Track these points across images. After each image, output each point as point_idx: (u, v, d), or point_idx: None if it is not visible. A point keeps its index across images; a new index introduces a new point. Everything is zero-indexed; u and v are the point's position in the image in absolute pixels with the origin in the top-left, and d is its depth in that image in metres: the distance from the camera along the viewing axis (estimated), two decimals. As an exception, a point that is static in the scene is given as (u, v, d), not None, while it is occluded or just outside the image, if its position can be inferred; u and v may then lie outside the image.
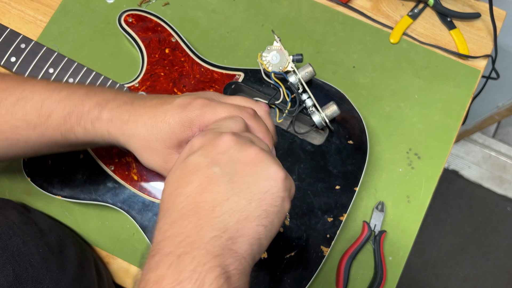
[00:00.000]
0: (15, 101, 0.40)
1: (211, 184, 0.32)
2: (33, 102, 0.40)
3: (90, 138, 0.40)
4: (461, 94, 0.60)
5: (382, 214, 0.55)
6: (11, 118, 0.40)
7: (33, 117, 0.39)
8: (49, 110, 0.39)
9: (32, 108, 0.39)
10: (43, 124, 0.39)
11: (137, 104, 0.39)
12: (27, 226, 0.46)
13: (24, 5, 0.64)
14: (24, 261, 0.42)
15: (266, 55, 0.54)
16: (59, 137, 0.40)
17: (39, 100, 0.40)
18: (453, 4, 0.63)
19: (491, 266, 1.39)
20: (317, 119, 0.53)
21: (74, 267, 0.47)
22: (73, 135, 0.40)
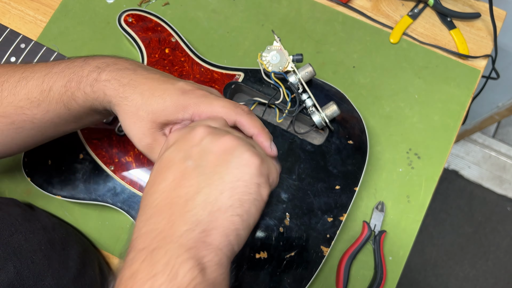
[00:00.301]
0: (16, 82, 0.40)
1: (184, 179, 0.31)
2: (34, 80, 0.40)
3: (89, 102, 0.39)
4: (461, 94, 0.60)
5: (382, 214, 0.55)
6: (14, 98, 0.39)
7: (36, 94, 0.39)
8: (50, 83, 0.39)
9: (33, 85, 0.39)
10: (46, 99, 0.39)
11: (140, 73, 0.39)
12: (30, 223, 0.46)
13: (24, 5, 0.64)
14: (26, 258, 0.42)
15: (266, 55, 0.54)
16: (62, 108, 0.40)
17: (40, 77, 0.40)
18: (453, 4, 0.63)
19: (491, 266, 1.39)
20: (317, 119, 0.53)
21: (76, 265, 0.47)
22: (74, 102, 0.39)
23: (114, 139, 0.54)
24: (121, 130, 0.54)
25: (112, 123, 0.55)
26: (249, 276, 0.50)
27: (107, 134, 0.54)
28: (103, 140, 0.54)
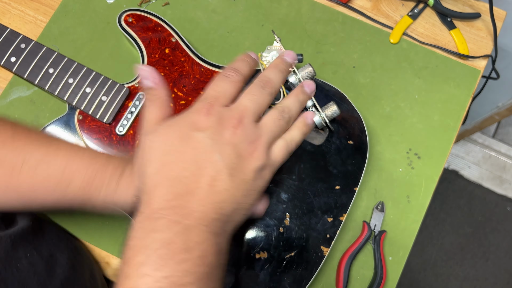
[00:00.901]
0: (37, 163, 0.40)
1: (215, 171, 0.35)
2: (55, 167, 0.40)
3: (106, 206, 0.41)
4: (461, 94, 0.60)
5: (382, 214, 0.55)
6: (32, 180, 0.40)
7: (54, 181, 0.40)
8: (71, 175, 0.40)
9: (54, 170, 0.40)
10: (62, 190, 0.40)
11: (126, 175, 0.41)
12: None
13: (24, 5, 0.64)
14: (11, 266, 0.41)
15: (266, 55, 0.54)
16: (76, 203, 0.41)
17: (61, 166, 0.40)
18: (453, 4, 0.63)
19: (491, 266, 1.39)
20: (317, 119, 0.53)
21: (65, 271, 0.46)
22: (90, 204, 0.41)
23: (114, 139, 0.54)
24: (121, 130, 0.54)
25: (112, 123, 0.55)
26: (249, 276, 0.50)
27: (107, 134, 0.54)
28: (103, 139, 0.54)
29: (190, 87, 0.56)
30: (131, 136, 0.54)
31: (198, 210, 0.34)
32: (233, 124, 0.36)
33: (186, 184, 0.34)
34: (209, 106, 0.36)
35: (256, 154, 0.37)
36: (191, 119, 0.36)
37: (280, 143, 0.39)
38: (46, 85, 0.54)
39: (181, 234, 0.32)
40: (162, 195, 0.34)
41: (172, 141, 0.35)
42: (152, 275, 0.30)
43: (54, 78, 0.54)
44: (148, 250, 0.31)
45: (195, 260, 0.32)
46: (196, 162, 0.35)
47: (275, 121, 0.39)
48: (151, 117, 0.38)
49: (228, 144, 0.36)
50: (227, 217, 0.35)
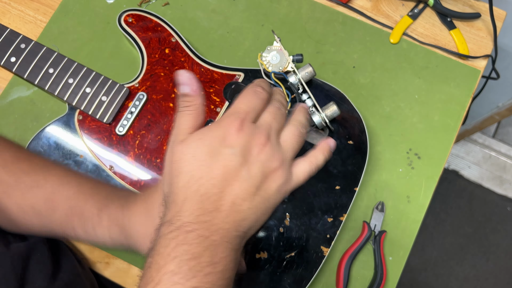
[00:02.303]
0: (30, 187, 0.42)
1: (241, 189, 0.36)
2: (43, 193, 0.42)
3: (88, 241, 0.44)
4: (461, 94, 0.60)
5: (382, 214, 0.55)
6: (22, 201, 0.42)
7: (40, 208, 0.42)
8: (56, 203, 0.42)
9: (41, 199, 0.42)
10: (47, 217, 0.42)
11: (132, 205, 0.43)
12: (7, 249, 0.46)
13: (24, 5, 0.64)
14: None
15: (266, 55, 0.54)
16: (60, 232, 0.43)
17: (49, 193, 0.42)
18: (453, 4, 0.63)
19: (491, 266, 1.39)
20: (317, 119, 0.53)
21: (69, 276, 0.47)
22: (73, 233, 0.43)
23: (114, 139, 0.54)
24: (121, 130, 0.54)
25: (112, 123, 0.55)
26: (249, 276, 0.50)
27: (107, 134, 0.54)
28: (103, 140, 0.54)
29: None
30: (131, 136, 0.54)
31: (223, 227, 0.35)
32: (262, 142, 0.37)
33: (214, 200, 0.35)
34: (241, 122, 0.37)
35: (280, 172, 0.37)
36: (222, 133, 0.37)
37: (304, 166, 0.40)
38: (46, 85, 0.54)
39: (209, 249, 0.34)
40: (192, 210, 0.35)
41: (202, 155, 0.36)
42: (183, 284, 0.32)
43: (54, 78, 0.54)
44: (179, 261, 0.33)
45: (218, 274, 0.34)
46: (225, 179, 0.35)
47: (295, 137, 0.40)
48: (184, 125, 0.38)
49: (256, 161, 0.36)
50: (245, 234, 0.37)
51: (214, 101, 0.56)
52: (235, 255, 0.36)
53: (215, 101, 0.56)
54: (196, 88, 0.39)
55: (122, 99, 0.55)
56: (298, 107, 0.42)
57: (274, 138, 0.38)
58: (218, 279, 0.33)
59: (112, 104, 0.54)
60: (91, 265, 0.55)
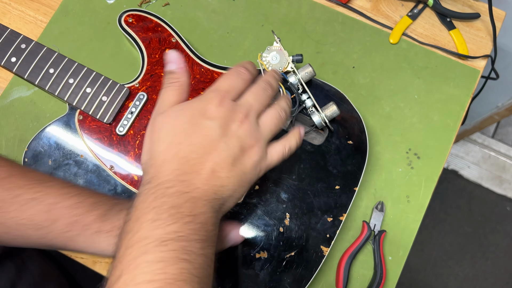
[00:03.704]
0: (28, 200, 0.42)
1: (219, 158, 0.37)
2: (43, 205, 0.43)
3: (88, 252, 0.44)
4: (461, 94, 0.60)
5: (381, 214, 0.55)
6: (19, 215, 0.42)
7: (39, 220, 0.42)
8: (56, 216, 0.42)
9: (41, 211, 0.42)
10: (46, 228, 0.43)
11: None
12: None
13: (25, 6, 0.64)
14: None
15: (266, 56, 0.54)
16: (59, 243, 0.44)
17: (49, 204, 0.43)
18: (452, 4, 0.63)
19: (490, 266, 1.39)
20: (317, 119, 0.53)
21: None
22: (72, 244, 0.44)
23: (114, 139, 0.54)
24: (121, 130, 0.54)
25: (112, 123, 0.55)
26: (249, 276, 0.50)
27: (107, 134, 0.54)
28: (103, 140, 0.54)
29: (190, 87, 0.56)
30: (131, 136, 0.55)
31: (202, 188, 0.36)
32: (240, 118, 0.39)
33: (193, 164, 0.37)
34: (221, 98, 0.39)
35: (256, 149, 0.39)
36: (203, 107, 0.39)
37: (278, 148, 0.42)
38: (47, 85, 0.54)
39: (189, 202, 0.35)
40: (172, 170, 0.36)
41: (182, 124, 0.38)
42: (164, 228, 0.33)
43: (55, 78, 0.54)
44: (159, 210, 0.34)
45: (199, 225, 0.35)
46: (204, 146, 0.37)
47: (274, 120, 0.42)
48: (167, 99, 0.40)
49: (234, 136, 0.38)
50: (223, 200, 0.38)
51: (214, 101, 0.56)
52: (215, 215, 0.37)
53: (215, 101, 0.56)
54: (183, 66, 0.41)
55: (122, 99, 0.55)
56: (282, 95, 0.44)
57: (253, 117, 0.40)
58: (199, 229, 0.35)
59: (112, 104, 0.54)
60: (91, 265, 0.55)
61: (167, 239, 0.32)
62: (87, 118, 0.55)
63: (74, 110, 0.55)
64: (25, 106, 0.59)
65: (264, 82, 0.42)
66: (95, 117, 0.54)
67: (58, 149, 0.54)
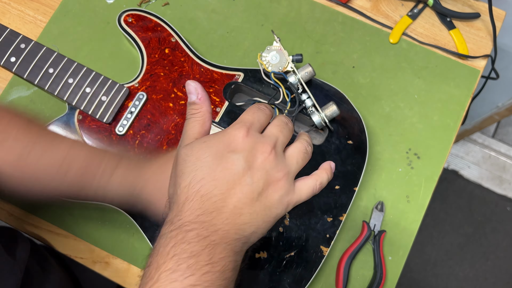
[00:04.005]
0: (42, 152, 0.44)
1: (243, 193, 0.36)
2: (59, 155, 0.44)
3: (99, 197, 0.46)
4: (461, 94, 0.60)
5: (381, 214, 0.55)
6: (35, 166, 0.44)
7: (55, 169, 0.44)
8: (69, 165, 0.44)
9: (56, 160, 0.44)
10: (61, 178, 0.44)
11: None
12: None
13: (24, 5, 0.64)
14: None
15: (265, 55, 0.54)
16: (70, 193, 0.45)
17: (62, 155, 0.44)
18: (452, 4, 0.63)
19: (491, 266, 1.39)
20: (317, 119, 0.53)
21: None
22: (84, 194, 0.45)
23: (113, 138, 0.54)
24: (121, 130, 0.54)
25: (111, 123, 0.55)
26: (249, 276, 0.50)
27: (107, 134, 0.54)
28: (103, 139, 0.54)
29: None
30: (131, 136, 0.54)
31: (223, 229, 0.35)
32: (268, 150, 0.37)
33: (214, 202, 0.36)
34: (247, 129, 0.38)
35: (282, 183, 0.38)
36: (228, 139, 0.38)
37: (310, 183, 0.41)
38: (46, 85, 0.54)
39: (208, 248, 0.34)
40: (193, 210, 0.36)
41: (206, 157, 0.37)
42: (181, 281, 0.33)
43: (54, 78, 0.54)
44: (178, 259, 0.33)
45: (217, 274, 0.34)
46: (228, 182, 0.36)
47: (301, 153, 0.40)
48: (191, 131, 0.40)
49: (260, 169, 0.37)
50: (246, 239, 0.37)
51: (214, 101, 0.56)
52: (234, 257, 0.36)
53: (215, 101, 0.56)
54: (202, 96, 0.41)
55: (122, 99, 0.55)
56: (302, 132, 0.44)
57: (280, 149, 0.39)
58: (217, 279, 0.34)
59: (112, 104, 0.54)
60: (91, 265, 0.55)
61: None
62: (87, 118, 0.55)
63: (73, 110, 0.55)
64: (24, 106, 0.59)
65: (283, 116, 0.42)
66: (95, 116, 0.54)
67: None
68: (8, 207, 0.57)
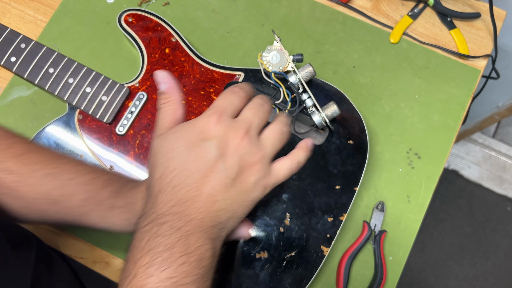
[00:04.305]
0: (45, 175, 0.42)
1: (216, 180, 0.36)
2: (59, 181, 0.43)
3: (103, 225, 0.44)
4: (461, 94, 0.60)
5: (382, 214, 0.55)
6: (36, 189, 0.42)
7: (55, 194, 0.42)
8: (71, 191, 0.43)
9: (57, 186, 0.43)
10: (61, 203, 0.43)
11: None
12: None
13: (24, 5, 0.64)
14: None
15: (266, 55, 0.54)
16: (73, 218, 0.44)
17: (64, 180, 0.43)
18: (453, 4, 0.63)
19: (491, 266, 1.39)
20: (317, 119, 0.53)
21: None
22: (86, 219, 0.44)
23: (114, 138, 0.54)
24: (121, 130, 0.54)
25: (112, 123, 0.55)
26: (249, 276, 0.50)
27: (107, 134, 0.54)
28: (103, 139, 0.54)
29: (190, 87, 0.56)
30: (131, 136, 0.54)
31: (196, 218, 0.35)
32: (240, 135, 0.37)
33: (187, 191, 0.35)
34: (219, 116, 0.37)
35: (258, 167, 0.38)
36: (199, 127, 0.37)
37: (286, 163, 0.40)
38: (46, 85, 0.54)
39: (182, 239, 0.34)
40: (166, 201, 0.35)
41: (178, 148, 0.36)
42: (157, 276, 0.33)
43: (54, 78, 0.54)
44: (153, 253, 0.33)
45: (193, 264, 0.34)
46: (200, 170, 0.36)
47: (276, 135, 0.40)
48: (162, 121, 0.39)
49: (233, 155, 0.37)
50: (222, 225, 0.37)
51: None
52: (211, 245, 0.36)
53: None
54: (172, 85, 0.40)
55: (122, 98, 0.55)
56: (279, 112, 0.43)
57: (254, 133, 0.38)
58: (194, 268, 0.34)
59: (112, 103, 0.54)
60: (91, 265, 0.55)
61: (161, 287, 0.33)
62: (87, 117, 0.55)
63: (74, 109, 0.55)
64: (24, 106, 0.59)
65: (260, 98, 0.41)
66: (95, 116, 0.54)
67: (58, 149, 0.54)
68: (8, 207, 0.57)
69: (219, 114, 0.37)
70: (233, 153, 0.37)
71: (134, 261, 0.34)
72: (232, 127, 0.37)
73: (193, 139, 0.37)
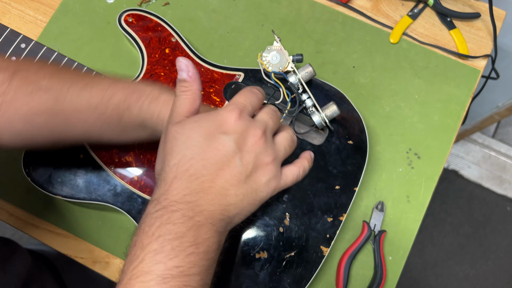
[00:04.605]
0: (82, 86, 0.42)
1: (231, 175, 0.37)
2: (99, 86, 0.43)
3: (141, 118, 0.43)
4: (461, 94, 0.60)
5: (382, 214, 0.55)
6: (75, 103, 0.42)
7: (96, 100, 0.42)
8: (113, 92, 0.42)
9: (97, 91, 0.42)
10: (104, 104, 0.42)
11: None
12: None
13: (24, 5, 0.64)
14: None
15: (266, 55, 0.54)
16: (115, 118, 0.43)
17: (104, 86, 0.43)
18: (453, 4, 0.63)
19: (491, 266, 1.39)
20: (317, 119, 0.53)
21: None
22: (128, 114, 0.43)
23: (114, 139, 0.54)
24: (121, 130, 0.54)
25: (112, 123, 0.55)
26: (249, 276, 0.50)
27: (107, 134, 0.54)
28: (103, 140, 0.54)
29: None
30: (131, 136, 0.54)
31: (208, 209, 0.36)
32: (258, 134, 0.38)
33: (202, 182, 0.36)
34: (240, 112, 0.38)
35: (271, 167, 0.39)
36: (220, 120, 0.38)
37: (293, 169, 0.42)
38: (46, 85, 0.54)
39: (193, 229, 0.35)
40: (180, 189, 0.36)
41: (197, 137, 0.37)
42: (165, 263, 0.33)
43: (54, 78, 0.54)
44: (163, 240, 0.34)
45: (201, 255, 0.35)
46: (217, 163, 0.36)
47: (288, 141, 0.42)
48: (181, 109, 0.39)
49: (250, 152, 0.38)
50: (230, 219, 0.38)
51: (214, 101, 0.56)
52: (218, 238, 0.37)
53: (215, 100, 0.56)
54: (193, 74, 0.40)
55: (122, 99, 0.55)
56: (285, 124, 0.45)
57: (269, 134, 0.40)
58: (201, 260, 0.35)
59: (112, 104, 0.54)
60: (91, 265, 0.55)
61: (167, 276, 0.33)
62: (87, 117, 0.55)
63: (74, 109, 0.55)
64: (24, 106, 0.59)
65: (272, 106, 0.43)
66: (95, 116, 0.54)
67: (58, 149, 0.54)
68: (8, 207, 0.57)
69: (240, 110, 0.38)
70: (250, 150, 0.38)
71: (142, 246, 0.34)
72: (251, 125, 0.38)
73: (213, 131, 0.37)
